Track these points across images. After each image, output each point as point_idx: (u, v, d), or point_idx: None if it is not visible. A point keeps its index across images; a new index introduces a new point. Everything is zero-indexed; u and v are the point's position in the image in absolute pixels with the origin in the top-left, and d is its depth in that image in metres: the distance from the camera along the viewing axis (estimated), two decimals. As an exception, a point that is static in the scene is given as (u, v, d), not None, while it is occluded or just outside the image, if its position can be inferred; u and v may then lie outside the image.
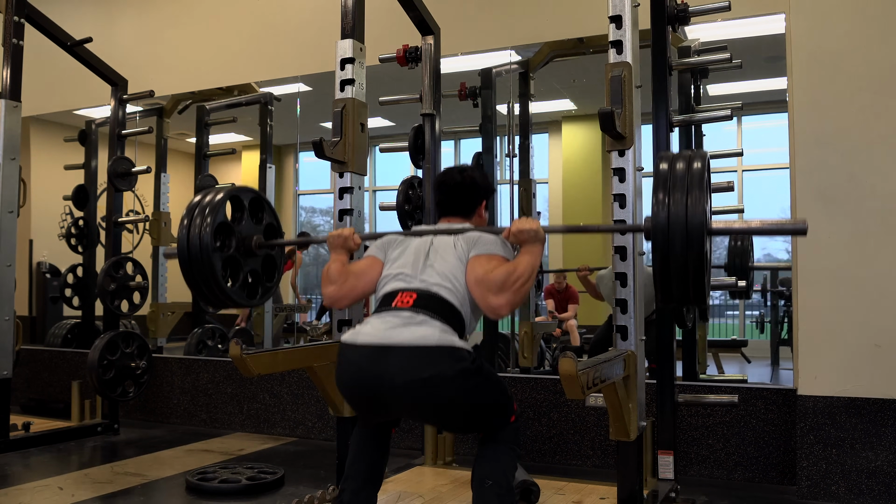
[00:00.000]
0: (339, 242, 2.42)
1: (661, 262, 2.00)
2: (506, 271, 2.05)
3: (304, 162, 6.90)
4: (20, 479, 3.35)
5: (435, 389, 1.96)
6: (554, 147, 6.39)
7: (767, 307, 5.74)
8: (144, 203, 6.18)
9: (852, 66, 3.03)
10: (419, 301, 2.07)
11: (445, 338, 1.99)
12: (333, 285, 2.28)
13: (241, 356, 2.39)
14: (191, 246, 2.49)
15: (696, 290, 2.01)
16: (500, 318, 2.12)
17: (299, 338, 6.21)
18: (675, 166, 2.02)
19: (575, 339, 5.55)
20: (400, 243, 2.29)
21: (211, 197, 2.57)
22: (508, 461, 2.09)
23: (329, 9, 3.49)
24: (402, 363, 1.95)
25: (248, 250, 2.65)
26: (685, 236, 1.94)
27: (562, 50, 4.50)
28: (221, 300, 2.59)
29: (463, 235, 2.21)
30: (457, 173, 2.38)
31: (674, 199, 1.97)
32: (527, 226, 2.13)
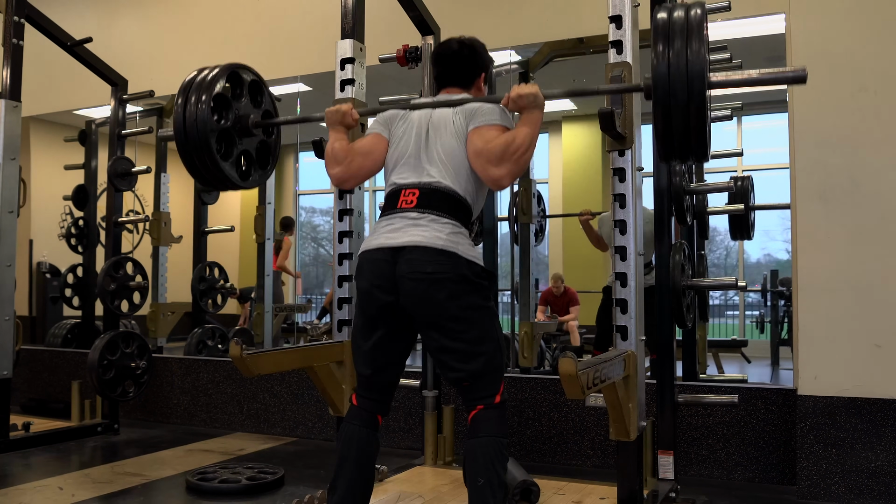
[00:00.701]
0: (337, 118, 2.38)
1: (662, 118, 2.00)
2: (505, 141, 2.05)
3: (304, 162, 6.91)
4: (20, 479, 3.35)
5: (436, 285, 2.02)
6: (554, 147, 6.40)
7: (767, 307, 5.75)
8: (144, 203, 6.19)
9: (852, 66, 3.04)
10: (422, 199, 2.10)
11: (452, 241, 2.05)
12: (340, 166, 2.27)
13: (241, 356, 2.39)
14: (187, 117, 2.48)
15: (698, 142, 2.01)
16: (501, 188, 2.15)
17: (299, 338, 6.21)
18: (674, 15, 2.01)
19: (575, 340, 5.56)
20: (402, 118, 2.27)
21: (209, 71, 2.57)
22: (496, 455, 2.05)
23: (329, 9, 3.49)
24: (410, 257, 2.04)
25: (245, 129, 2.64)
26: (686, 87, 1.94)
27: (562, 50, 4.50)
28: (216, 177, 2.57)
29: (461, 108, 2.19)
30: (455, 43, 2.35)
31: (674, 49, 1.97)
32: (526, 90, 2.11)
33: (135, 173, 4.60)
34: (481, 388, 2.11)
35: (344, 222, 2.94)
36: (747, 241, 6.35)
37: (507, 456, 2.12)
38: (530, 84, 2.14)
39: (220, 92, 2.57)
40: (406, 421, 3.98)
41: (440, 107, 2.24)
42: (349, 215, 2.94)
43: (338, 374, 2.79)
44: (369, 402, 2.22)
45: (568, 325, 5.55)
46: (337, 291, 2.94)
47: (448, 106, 2.23)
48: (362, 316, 2.19)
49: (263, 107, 2.75)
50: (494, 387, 2.12)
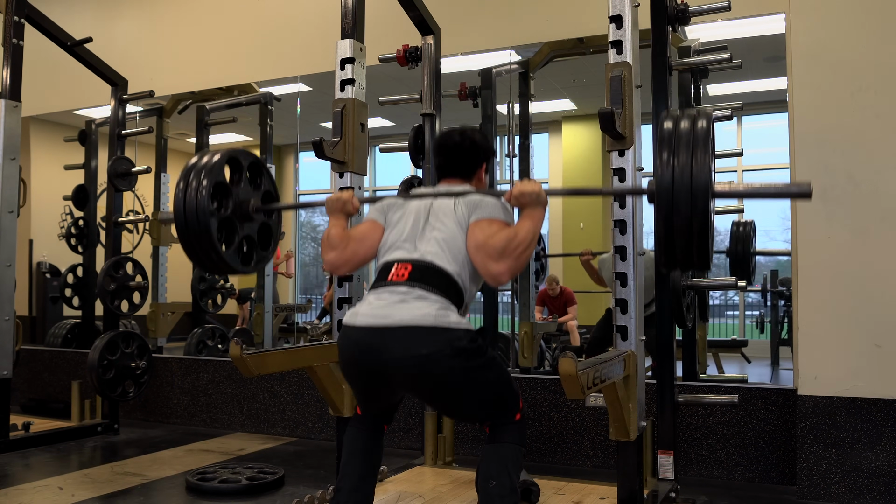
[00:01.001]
0: (338, 206, 2.38)
1: (664, 225, 1.97)
2: (506, 237, 2.03)
3: (304, 162, 6.90)
4: (20, 479, 3.35)
5: (433, 365, 1.96)
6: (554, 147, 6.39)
7: (767, 307, 5.75)
8: (144, 203, 6.19)
9: (852, 66, 3.04)
10: (415, 273, 2.05)
11: (442, 316, 1.97)
12: (334, 251, 2.25)
13: (241, 356, 2.39)
14: (187, 205, 2.46)
15: (700, 253, 1.99)
16: (500, 284, 2.09)
17: (299, 338, 6.21)
18: (680, 125, 1.99)
19: (575, 340, 5.55)
20: (400, 206, 2.26)
21: (209, 157, 2.55)
22: (512, 461, 2.08)
23: (329, 9, 3.49)
24: (400, 341, 1.96)
25: (245, 214, 2.62)
26: (690, 199, 1.92)
27: (562, 50, 4.50)
28: (215, 262, 2.55)
29: (463, 198, 2.18)
30: (457, 135, 2.35)
31: (678, 160, 1.94)
32: (528, 188, 2.09)
33: (135, 173, 4.60)
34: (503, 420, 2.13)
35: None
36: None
37: (521, 464, 2.13)
38: (532, 182, 2.12)
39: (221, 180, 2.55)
40: (406, 421, 3.98)
41: (441, 197, 2.23)
42: (349, 215, 2.93)
43: (338, 374, 2.79)
44: (373, 415, 2.25)
45: (567, 325, 5.55)
46: (337, 291, 2.94)
47: (449, 196, 2.22)
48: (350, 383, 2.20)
49: (263, 188, 2.72)
50: (513, 412, 2.14)
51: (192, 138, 5.86)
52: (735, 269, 4.52)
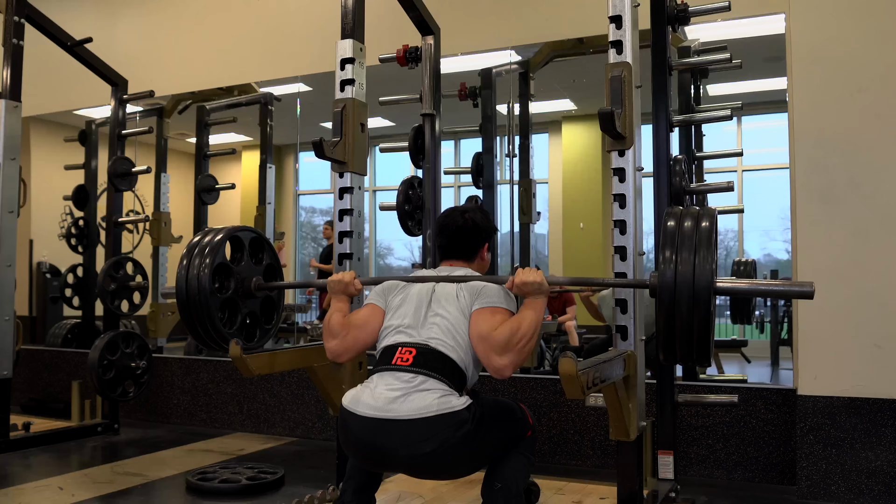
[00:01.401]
0: (340, 288, 2.41)
1: (665, 322, 1.98)
2: (510, 331, 2.03)
3: (304, 162, 6.90)
4: (20, 479, 3.35)
5: (441, 458, 1.97)
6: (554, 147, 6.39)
7: (767, 307, 5.74)
8: (144, 203, 6.18)
9: (852, 66, 3.04)
10: (419, 359, 2.05)
11: (445, 403, 1.97)
12: (335, 339, 2.26)
13: (241, 356, 2.39)
14: (189, 287, 2.48)
15: (700, 351, 2.00)
16: (503, 377, 2.09)
17: (299, 338, 6.21)
18: (683, 224, 2.01)
19: (574, 340, 5.55)
20: (401, 290, 2.26)
21: (210, 237, 2.56)
22: (521, 467, 2.12)
23: (329, 9, 3.49)
24: (403, 438, 1.95)
25: (247, 292, 2.64)
26: (692, 296, 1.93)
27: (562, 50, 4.50)
28: (218, 343, 2.57)
29: (466, 285, 2.19)
30: (459, 216, 2.37)
31: (681, 259, 1.95)
32: (530, 278, 2.11)
33: (135, 173, 4.60)
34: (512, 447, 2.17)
35: (344, 222, 2.94)
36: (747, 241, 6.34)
37: (530, 473, 2.17)
38: (534, 271, 2.14)
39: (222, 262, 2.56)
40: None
41: (442, 282, 2.24)
42: (349, 215, 2.93)
43: (338, 374, 2.79)
44: None
45: (566, 325, 5.55)
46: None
47: (451, 282, 2.23)
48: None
49: (265, 262, 2.73)
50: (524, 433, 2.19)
51: (192, 138, 5.86)
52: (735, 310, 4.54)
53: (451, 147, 5.93)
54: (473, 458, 2.05)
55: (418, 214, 3.73)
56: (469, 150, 4.86)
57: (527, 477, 2.16)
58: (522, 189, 4.67)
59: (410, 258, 6.79)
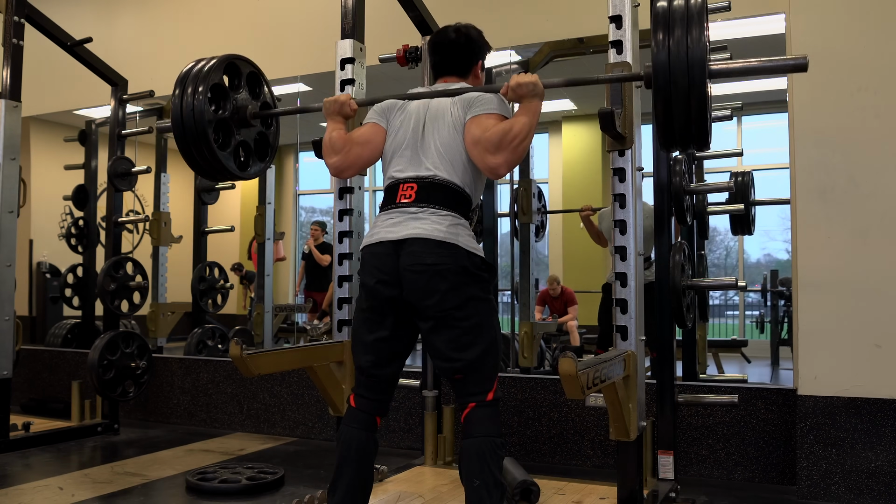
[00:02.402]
0: (335, 108, 2.40)
1: (662, 104, 1.99)
2: (503, 129, 2.05)
3: (304, 162, 6.91)
4: (20, 479, 3.35)
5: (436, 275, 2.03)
6: (554, 147, 6.40)
7: (767, 307, 5.75)
8: (144, 203, 6.19)
9: (852, 65, 3.04)
10: (421, 193, 2.11)
11: (452, 233, 2.05)
12: (338, 155, 2.27)
13: (241, 356, 2.39)
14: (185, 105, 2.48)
15: (698, 129, 2.01)
16: (498, 177, 2.14)
17: (299, 338, 6.22)
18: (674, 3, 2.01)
19: (575, 340, 5.56)
20: (399, 109, 2.27)
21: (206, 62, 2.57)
22: (490, 455, 2.03)
23: (329, 9, 3.49)
24: (411, 250, 2.05)
25: (243, 119, 2.63)
26: (687, 76, 1.94)
27: (562, 50, 4.50)
28: (212, 164, 2.56)
29: (460, 98, 2.19)
30: (451, 31, 2.36)
31: (674, 39, 1.97)
32: (525, 79, 2.11)
33: (135, 173, 4.60)
34: (474, 382, 2.09)
35: (344, 222, 2.94)
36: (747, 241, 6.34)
37: (502, 455, 2.09)
38: (529, 74, 2.13)
39: (218, 82, 2.57)
40: (406, 421, 3.98)
41: (438, 97, 2.24)
42: (349, 215, 2.93)
43: (338, 374, 2.79)
44: (367, 402, 2.21)
45: (567, 325, 5.56)
46: (337, 291, 2.94)
47: (446, 96, 2.23)
48: (367, 310, 2.18)
49: (262, 99, 2.74)
50: (488, 383, 2.10)
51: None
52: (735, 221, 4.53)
53: (451, 147, 5.92)
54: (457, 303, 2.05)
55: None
56: (469, 150, 4.85)
57: (500, 460, 2.06)
58: (522, 189, 4.67)
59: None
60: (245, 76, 2.68)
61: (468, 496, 2.03)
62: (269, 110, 2.74)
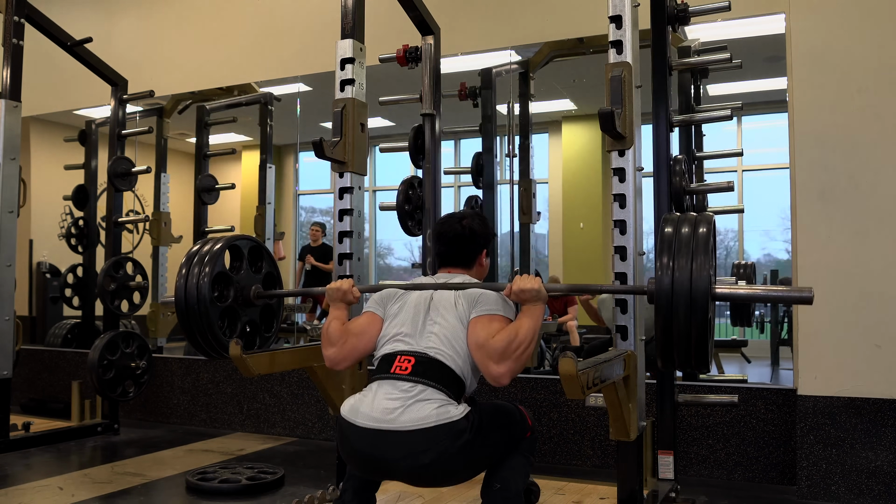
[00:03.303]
0: (339, 296, 2.41)
1: (663, 328, 1.99)
2: (507, 338, 2.02)
3: (304, 162, 6.90)
4: (20, 479, 3.35)
5: (440, 468, 1.97)
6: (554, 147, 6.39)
7: (767, 307, 5.74)
8: (144, 203, 6.18)
9: (852, 66, 3.04)
10: (417, 367, 2.04)
11: (443, 413, 1.96)
12: (334, 347, 2.26)
13: (241, 356, 2.39)
14: (188, 296, 2.49)
15: (698, 356, 2.00)
16: (500, 385, 2.08)
17: (299, 338, 6.21)
18: (681, 231, 2.01)
19: (574, 340, 5.55)
20: (399, 297, 2.25)
21: (210, 246, 2.56)
22: (520, 468, 2.11)
23: (329, 9, 3.49)
24: (402, 449, 1.95)
25: (247, 300, 2.64)
26: (689, 303, 1.93)
27: (562, 50, 4.50)
28: (218, 351, 2.58)
29: (464, 293, 2.19)
30: (456, 223, 2.36)
31: (678, 265, 1.96)
32: (528, 285, 2.11)
33: (135, 173, 4.60)
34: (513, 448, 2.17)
35: (344, 222, 2.94)
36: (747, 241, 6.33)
37: (529, 473, 2.16)
38: (531, 278, 2.13)
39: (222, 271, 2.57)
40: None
41: (441, 289, 2.23)
42: (349, 215, 2.93)
43: (337, 375, 2.79)
44: None
45: (567, 325, 5.55)
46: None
47: (449, 289, 2.22)
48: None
49: (264, 270, 2.73)
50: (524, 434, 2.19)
51: (192, 138, 5.86)
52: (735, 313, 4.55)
53: (451, 147, 5.93)
54: (473, 465, 2.05)
55: (418, 214, 3.72)
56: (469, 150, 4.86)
57: (526, 476, 2.15)
58: (522, 189, 4.66)
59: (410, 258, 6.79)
60: (246, 255, 2.67)
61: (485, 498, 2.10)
62: (272, 291, 2.73)
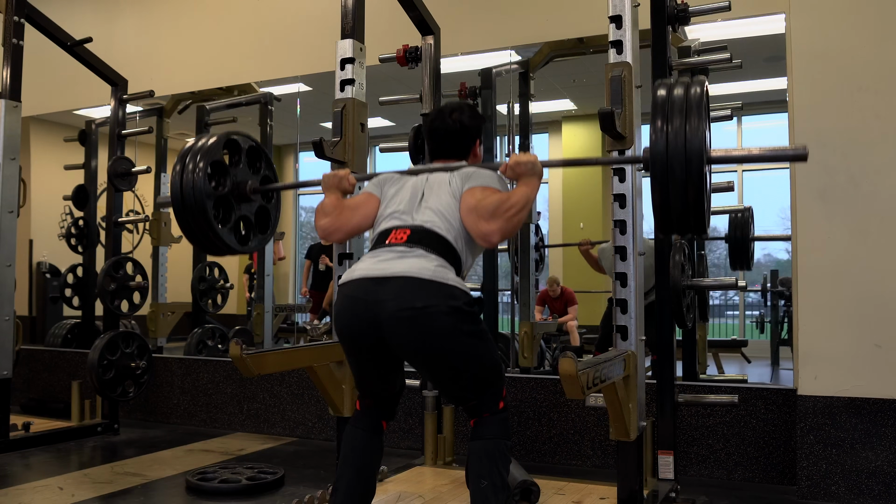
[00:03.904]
0: (334, 182, 2.41)
1: (660, 194, 1.99)
2: (499, 199, 2.06)
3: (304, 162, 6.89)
4: (20, 479, 3.35)
5: (426, 319, 1.95)
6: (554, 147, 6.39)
7: (767, 307, 5.74)
8: (144, 203, 6.18)
9: (852, 66, 3.04)
10: (413, 236, 2.08)
11: (440, 273, 1.99)
12: (328, 217, 2.28)
13: (241, 356, 2.39)
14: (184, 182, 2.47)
15: (696, 217, 2.01)
16: (491, 245, 2.11)
17: (299, 338, 6.21)
18: (674, 92, 2.01)
19: (575, 340, 5.55)
20: (396, 181, 2.28)
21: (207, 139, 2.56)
22: (500, 457, 2.06)
23: (329, 9, 3.49)
24: (396, 291, 1.96)
25: (242, 195, 2.63)
26: (684, 162, 1.93)
27: (562, 50, 4.50)
28: (212, 240, 2.56)
29: (458, 171, 2.21)
30: (447, 118, 2.36)
31: (672, 126, 1.96)
32: (524, 159, 2.12)
33: (135, 173, 4.60)
34: (485, 402, 2.12)
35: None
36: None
37: (509, 458, 2.12)
38: (528, 153, 2.15)
39: (218, 159, 2.55)
40: (406, 421, 3.98)
41: (437, 172, 2.25)
42: (349, 215, 2.92)
43: (338, 374, 2.79)
44: (374, 408, 2.22)
45: (567, 325, 5.55)
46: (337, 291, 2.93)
47: (445, 171, 2.24)
48: (347, 352, 2.16)
49: (262, 172, 2.73)
50: (497, 397, 2.13)
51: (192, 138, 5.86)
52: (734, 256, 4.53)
53: (451, 147, 5.92)
54: (454, 347, 2.00)
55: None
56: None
57: (508, 463, 2.09)
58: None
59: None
60: (245, 151, 2.66)
61: (473, 496, 2.04)
62: (269, 185, 2.72)
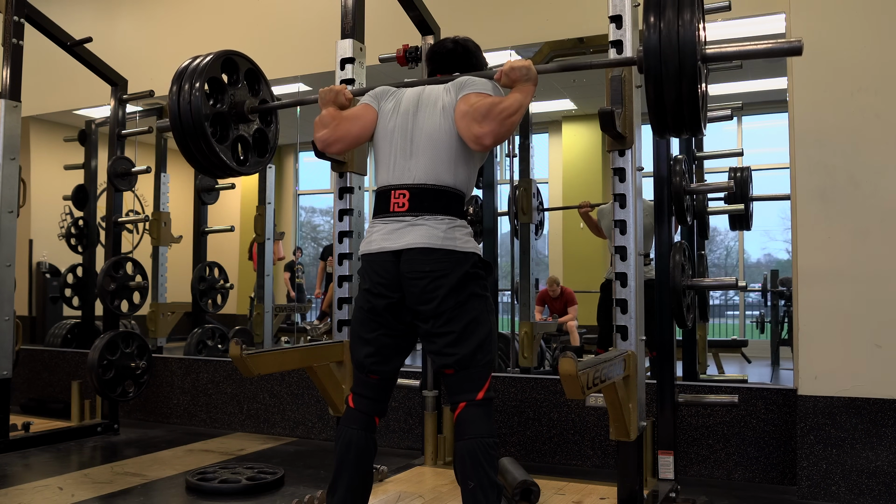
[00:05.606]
0: (331, 97, 2.39)
1: (654, 93, 1.98)
2: (492, 102, 2.06)
3: (304, 162, 6.91)
4: (20, 479, 3.35)
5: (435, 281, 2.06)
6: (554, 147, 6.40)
7: (767, 307, 5.75)
8: (144, 203, 6.19)
9: (852, 66, 3.04)
10: (413, 201, 2.11)
11: (448, 238, 2.08)
12: (326, 129, 2.27)
13: (241, 356, 2.39)
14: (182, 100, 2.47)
15: (690, 114, 2.00)
16: (484, 148, 2.11)
17: (299, 338, 6.21)
18: None
19: (575, 340, 5.56)
20: (392, 95, 2.29)
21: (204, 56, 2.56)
22: (485, 456, 2.03)
23: (329, 9, 3.49)
24: (410, 257, 2.08)
25: (241, 114, 2.63)
26: (678, 58, 1.93)
27: (562, 50, 4.50)
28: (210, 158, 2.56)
29: (453, 82, 2.21)
30: (450, 42, 2.39)
31: (665, 21, 1.95)
32: (519, 64, 2.13)
33: (135, 173, 4.60)
34: (465, 379, 2.09)
35: (344, 222, 2.94)
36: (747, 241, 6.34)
37: (496, 455, 2.08)
38: (523, 60, 2.16)
39: (215, 77, 2.56)
40: (406, 421, 3.98)
41: (434, 83, 2.25)
42: (349, 215, 2.93)
43: (338, 374, 2.79)
44: (366, 402, 2.21)
45: (567, 325, 5.55)
46: (337, 291, 2.94)
47: (441, 82, 2.24)
48: (367, 311, 2.19)
49: (261, 95, 2.74)
50: (479, 381, 2.09)
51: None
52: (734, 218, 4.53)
53: (451, 147, 5.92)
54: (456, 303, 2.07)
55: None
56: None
57: (495, 461, 2.05)
58: (522, 189, 4.67)
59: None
60: (243, 73, 2.67)
61: (464, 498, 2.03)
62: (267, 104, 2.73)
